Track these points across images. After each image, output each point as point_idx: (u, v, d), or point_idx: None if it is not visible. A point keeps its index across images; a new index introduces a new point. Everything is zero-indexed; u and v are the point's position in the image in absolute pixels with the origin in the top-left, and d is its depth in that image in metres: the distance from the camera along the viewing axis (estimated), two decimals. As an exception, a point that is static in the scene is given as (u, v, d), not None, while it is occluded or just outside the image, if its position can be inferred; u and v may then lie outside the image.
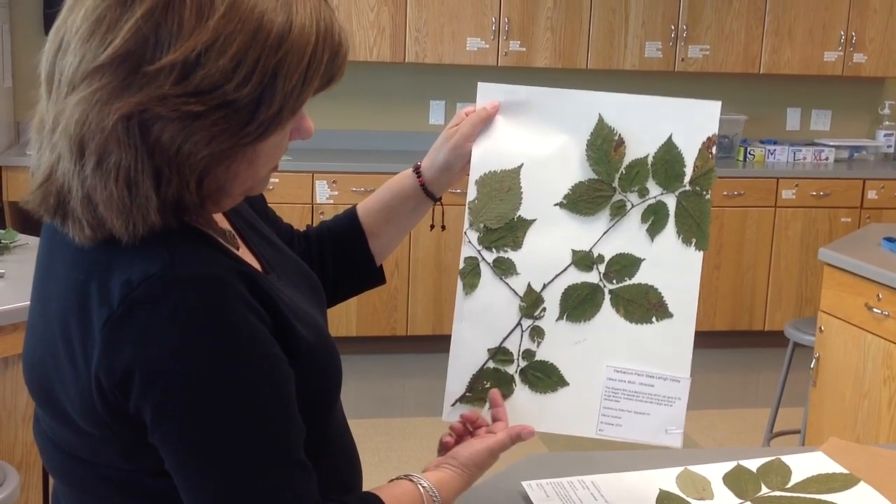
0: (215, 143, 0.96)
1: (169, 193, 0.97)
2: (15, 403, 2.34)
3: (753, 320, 5.29)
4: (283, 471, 1.00)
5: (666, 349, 1.33)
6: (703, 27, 5.31)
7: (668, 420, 1.34)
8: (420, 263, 4.92)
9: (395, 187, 1.43)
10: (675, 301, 1.33)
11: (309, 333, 1.08)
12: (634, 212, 1.33)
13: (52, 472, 1.13)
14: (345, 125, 5.36)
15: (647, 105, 1.33)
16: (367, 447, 3.93)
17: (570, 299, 1.33)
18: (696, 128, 1.32)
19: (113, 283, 0.96)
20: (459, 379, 1.34)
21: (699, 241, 1.33)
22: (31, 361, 1.09)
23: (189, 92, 0.93)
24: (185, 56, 0.93)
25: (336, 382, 1.16)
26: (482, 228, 1.33)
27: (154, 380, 0.95)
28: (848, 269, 3.19)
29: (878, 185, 5.28)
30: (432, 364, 4.95)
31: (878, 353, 3.09)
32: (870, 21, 5.46)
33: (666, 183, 1.32)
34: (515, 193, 1.32)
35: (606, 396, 1.33)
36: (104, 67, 0.94)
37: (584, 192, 1.32)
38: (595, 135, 1.32)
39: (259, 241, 1.21)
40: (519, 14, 5.09)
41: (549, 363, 1.34)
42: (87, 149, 0.95)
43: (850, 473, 1.53)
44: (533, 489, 1.45)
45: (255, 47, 0.95)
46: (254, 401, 0.98)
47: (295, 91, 0.99)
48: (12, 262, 2.63)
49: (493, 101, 1.33)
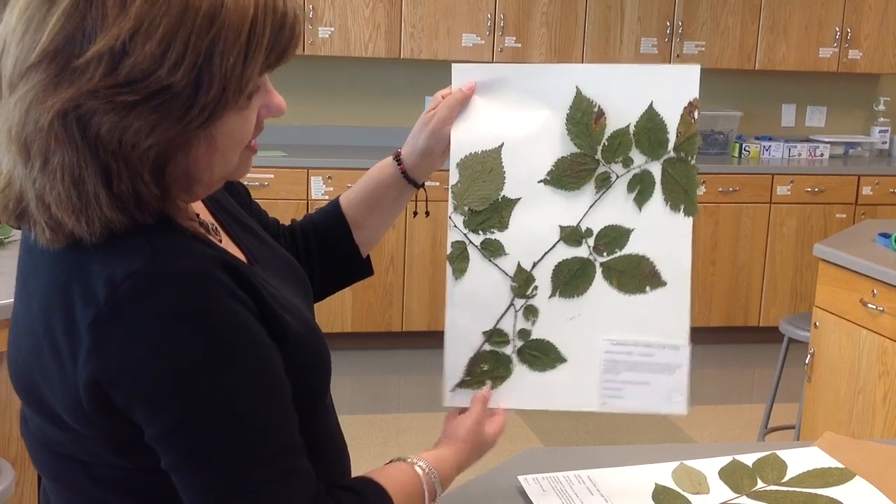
0: (158, 131, 0.94)
1: (123, 188, 0.94)
2: (10, 399, 2.33)
3: (748, 316, 5.30)
4: (282, 459, 0.99)
5: (662, 318, 1.32)
6: (699, 23, 5.31)
7: (670, 388, 1.33)
8: (415, 259, 4.92)
9: (376, 177, 1.41)
10: (668, 269, 1.32)
11: (296, 323, 1.08)
12: (620, 182, 1.31)
13: (42, 472, 1.12)
14: (340, 121, 5.36)
15: (626, 74, 1.32)
16: (361, 443, 3.92)
17: (562, 275, 1.32)
18: (677, 94, 1.30)
19: (95, 281, 0.95)
20: (457, 364, 1.33)
21: (687, 207, 1.32)
22: (15, 361, 1.08)
23: (120, 82, 0.91)
24: (110, 46, 0.91)
25: (324, 373, 1.15)
26: (467, 211, 1.31)
27: (144, 377, 0.94)
28: (843, 264, 3.19)
29: (873, 181, 5.29)
30: (428, 360, 4.94)
31: (872, 349, 3.09)
32: (865, 17, 5.47)
33: (650, 151, 1.31)
34: (498, 174, 1.31)
35: (606, 369, 1.33)
36: (35, 66, 0.93)
37: (567, 166, 1.31)
38: (574, 108, 1.30)
39: (243, 233, 1.21)
40: (514, 10, 5.09)
41: (545, 341, 1.33)
42: (32, 150, 0.94)
43: (846, 468, 1.53)
44: (529, 484, 1.45)
45: (183, 28, 0.92)
46: (246, 391, 0.98)
47: (236, 69, 0.95)
48: (6, 257, 2.62)
49: (468, 83, 1.32)
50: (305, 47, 4.91)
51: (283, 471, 0.99)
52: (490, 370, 1.33)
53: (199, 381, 0.95)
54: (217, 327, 0.96)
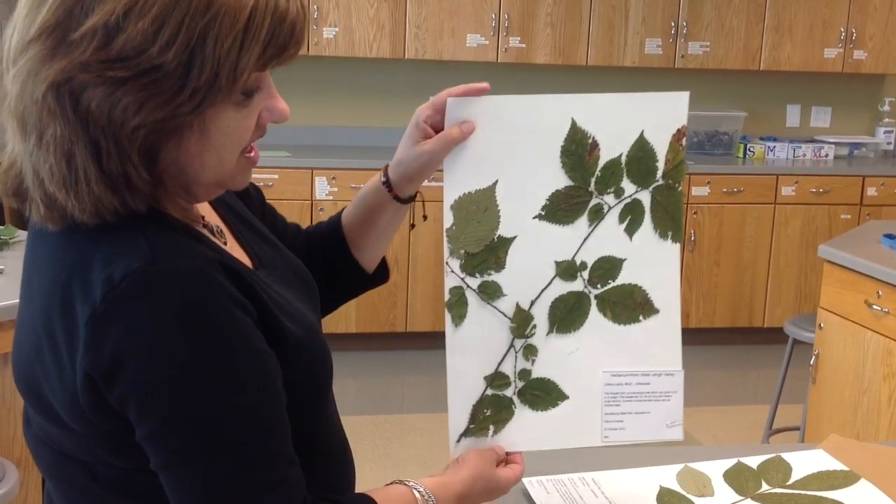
0: (147, 110, 0.94)
1: (112, 167, 0.95)
2: (14, 400, 2.34)
3: (753, 317, 5.29)
4: (271, 468, 0.99)
5: (656, 345, 1.32)
6: (704, 23, 5.30)
7: (667, 415, 1.33)
8: (419, 260, 4.92)
9: (369, 202, 1.38)
10: (659, 296, 1.32)
11: (297, 328, 1.07)
12: (612, 213, 1.30)
13: (43, 471, 1.12)
14: (344, 121, 5.36)
15: (619, 104, 1.30)
16: (365, 444, 3.93)
17: (558, 311, 1.30)
18: (665, 121, 1.30)
19: (94, 278, 0.95)
20: (461, 412, 1.30)
21: (674, 234, 1.32)
22: (19, 360, 1.08)
23: (112, 57, 0.92)
24: (105, 20, 0.92)
25: (325, 380, 1.14)
26: (463, 254, 1.28)
27: (137, 377, 0.94)
28: (848, 265, 3.19)
29: (878, 181, 5.28)
30: (431, 361, 4.94)
31: (877, 350, 3.09)
32: (870, 18, 5.45)
33: (640, 180, 1.30)
34: (493, 213, 1.28)
35: (607, 402, 1.32)
36: (34, 40, 0.94)
37: (561, 200, 1.29)
38: (569, 140, 1.28)
39: (251, 237, 1.20)
40: (519, 10, 5.08)
41: (545, 379, 1.31)
42: (29, 124, 0.96)
43: (851, 470, 1.53)
44: (534, 486, 1.45)
45: (178, 9, 0.92)
46: (240, 397, 0.97)
47: (230, 56, 0.95)
48: (12, 258, 2.63)
49: (468, 123, 1.26)
50: (310, 47, 4.91)
51: (271, 480, 0.98)
52: (492, 415, 1.30)
53: (190, 383, 0.95)
54: (213, 330, 0.96)
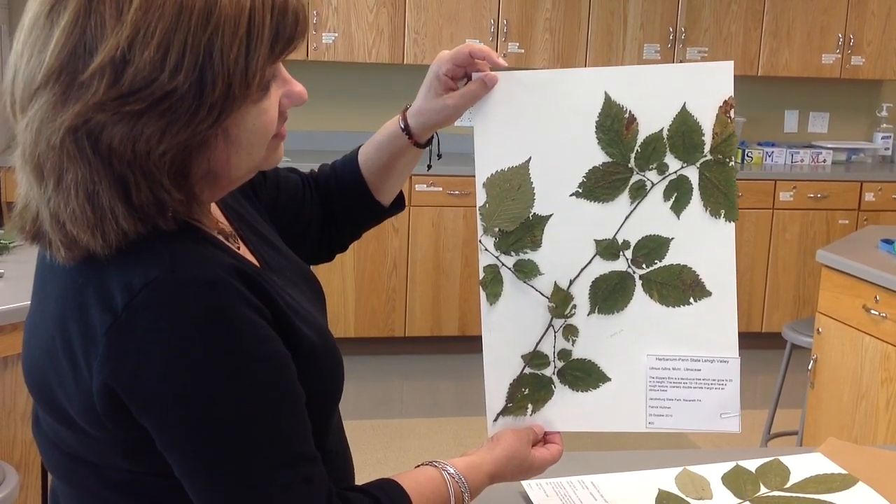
0: (170, 136, 0.93)
1: (143, 198, 0.94)
2: (14, 403, 2.34)
3: (751, 322, 5.30)
4: (295, 467, 1.00)
5: (709, 329, 1.27)
6: (702, 29, 5.32)
7: (721, 404, 1.28)
8: (418, 264, 4.92)
9: (388, 149, 1.37)
10: (713, 278, 1.26)
11: (311, 333, 1.08)
12: (655, 190, 1.25)
13: (52, 471, 1.13)
14: (343, 126, 5.36)
15: (655, 75, 1.25)
16: (365, 448, 3.93)
17: (600, 291, 1.27)
18: (710, 93, 1.24)
19: (113, 286, 0.95)
20: (498, 391, 1.29)
21: (728, 212, 1.26)
22: (30, 362, 1.08)
23: (125, 92, 0.91)
24: (111, 56, 0.91)
25: (338, 384, 1.15)
26: (497, 233, 1.26)
27: (160, 385, 0.94)
28: (846, 270, 3.19)
29: (876, 187, 5.29)
30: (431, 365, 4.95)
31: (875, 355, 3.09)
32: (868, 24, 5.47)
33: (685, 155, 1.25)
34: (527, 190, 1.26)
35: (651, 387, 1.28)
36: (42, 87, 0.93)
37: (599, 176, 1.25)
38: (603, 115, 1.24)
39: (259, 242, 1.21)
40: (517, 16, 5.09)
41: (587, 360, 1.28)
42: (45, 169, 0.94)
43: (849, 474, 1.53)
44: (533, 489, 1.45)
45: (180, 31, 0.91)
46: (262, 401, 0.98)
47: (239, 64, 0.94)
48: (12, 262, 2.63)
49: (491, 75, 1.25)
50: (309, 53, 4.92)
51: (297, 479, 0.99)
52: (531, 393, 1.28)
53: (214, 391, 0.95)
54: (234, 336, 0.96)
